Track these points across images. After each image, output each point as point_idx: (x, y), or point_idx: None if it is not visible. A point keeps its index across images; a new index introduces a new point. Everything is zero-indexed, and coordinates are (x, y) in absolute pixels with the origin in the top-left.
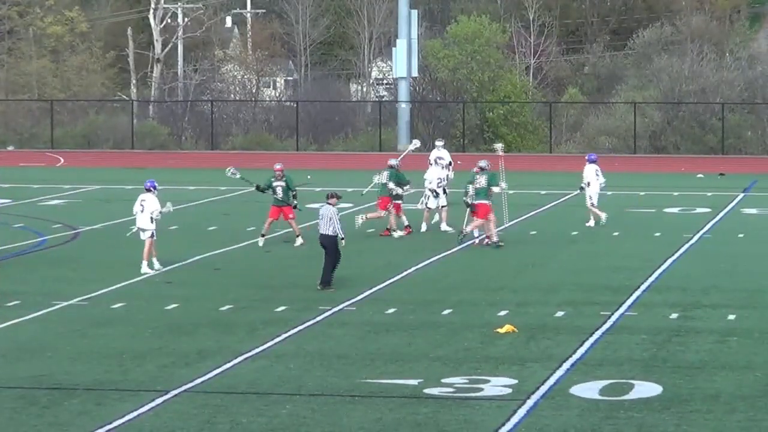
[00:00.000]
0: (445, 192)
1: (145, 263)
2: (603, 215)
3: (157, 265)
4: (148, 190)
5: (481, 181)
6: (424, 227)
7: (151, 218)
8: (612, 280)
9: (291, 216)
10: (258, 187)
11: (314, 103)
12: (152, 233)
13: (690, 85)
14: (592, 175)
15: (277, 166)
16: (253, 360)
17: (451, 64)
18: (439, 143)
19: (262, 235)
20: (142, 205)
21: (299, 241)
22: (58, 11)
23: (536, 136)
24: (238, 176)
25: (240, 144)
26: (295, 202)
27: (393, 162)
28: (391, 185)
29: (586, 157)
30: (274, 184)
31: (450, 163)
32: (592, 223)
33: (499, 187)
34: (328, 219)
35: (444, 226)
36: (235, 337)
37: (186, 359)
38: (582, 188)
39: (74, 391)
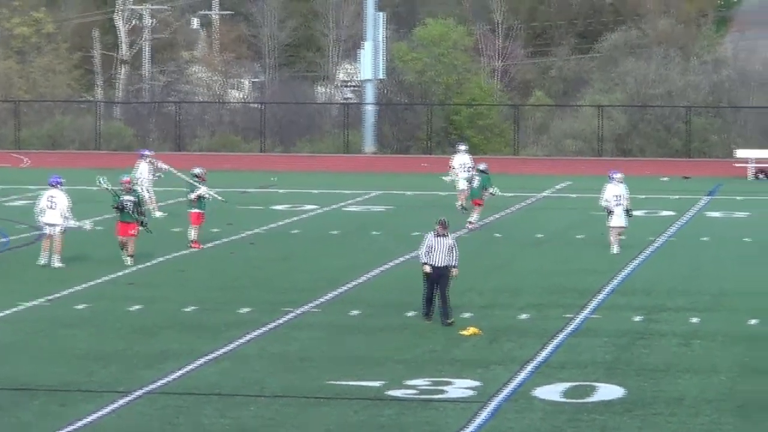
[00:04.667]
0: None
1: (55, 257)
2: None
3: (56, 262)
4: (54, 186)
5: None
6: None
7: (62, 214)
8: (576, 282)
9: (132, 232)
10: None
11: (280, 105)
12: (63, 228)
13: (656, 89)
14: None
15: (125, 178)
16: (216, 362)
17: (417, 67)
18: (461, 147)
19: (129, 256)
20: (52, 201)
21: (130, 261)
22: (24, 12)
23: (502, 138)
24: (107, 187)
25: (206, 146)
26: (144, 218)
27: (198, 171)
28: (193, 195)
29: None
30: (123, 198)
31: (471, 167)
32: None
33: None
34: (448, 249)
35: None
36: (199, 338)
37: (149, 360)
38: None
39: (37, 392)
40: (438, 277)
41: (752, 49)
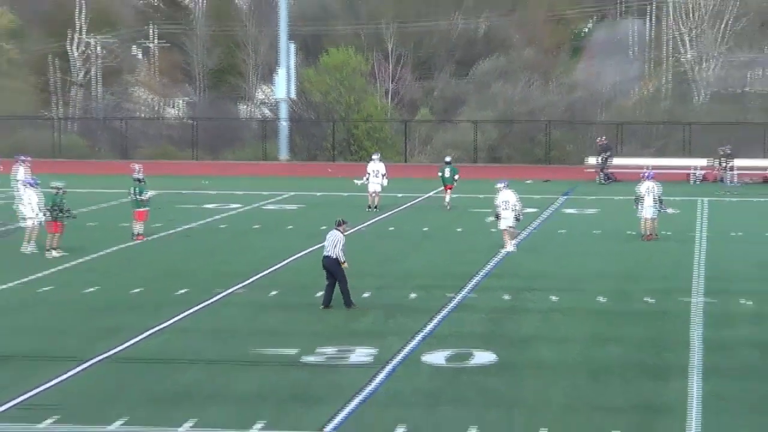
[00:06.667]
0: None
1: (31, 244)
2: None
3: (30, 247)
4: (30, 186)
5: None
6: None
7: (36, 208)
8: (457, 268)
9: (60, 229)
10: None
11: (209, 121)
12: (39, 221)
13: (521, 107)
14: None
15: (57, 184)
16: (159, 334)
17: (323, 89)
18: (375, 156)
19: (55, 248)
20: (28, 199)
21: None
22: None
23: (394, 148)
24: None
25: (147, 154)
26: (72, 213)
27: (138, 176)
28: (144, 197)
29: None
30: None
31: (384, 174)
32: None
33: None
34: (333, 243)
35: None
36: (144, 315)
37: (103, 333)
38: None
39: (10, 359)
40: (326, 267)
41: (600, 74)
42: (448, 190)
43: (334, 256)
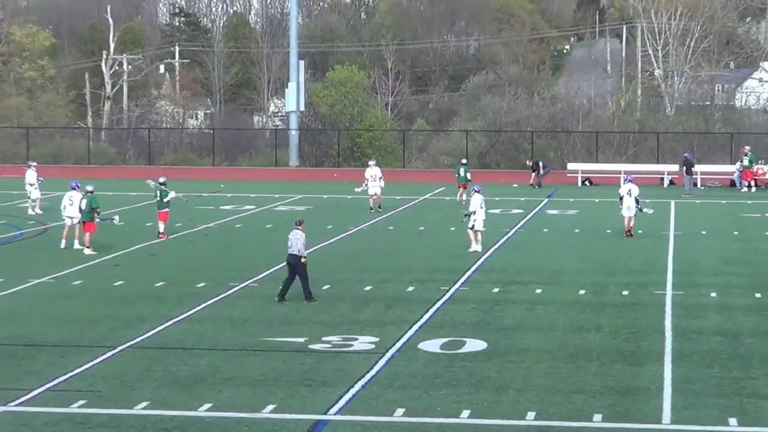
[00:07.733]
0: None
1: (76, 242)
2: None
3: (77, 244)
4: (74, 189)
5: None
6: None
7: (80, 208)
8: (450, 263)
9: (92, 229)
10: None
11: (226, 130)
12: (79, 220)
13: (508, 118)
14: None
15: (89, 188)
16: (179, 323)
17: (329, 102)
18: (371, 162)
19: (88, 246)
20: (71, 200)
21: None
22: (32, 60)
23: (393, 155)
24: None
25: (170, 161)
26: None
27: (162, 179)
28: (167, 199)
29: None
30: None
31: (381, 177)
32: None
33: None
34: (296, 241)
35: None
36: (166, 306)
37: (129, 323)
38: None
39: (44, 347)
40: (290, 263)
41: (579, 88)
42: (461, 188)
43: (297, 253)
